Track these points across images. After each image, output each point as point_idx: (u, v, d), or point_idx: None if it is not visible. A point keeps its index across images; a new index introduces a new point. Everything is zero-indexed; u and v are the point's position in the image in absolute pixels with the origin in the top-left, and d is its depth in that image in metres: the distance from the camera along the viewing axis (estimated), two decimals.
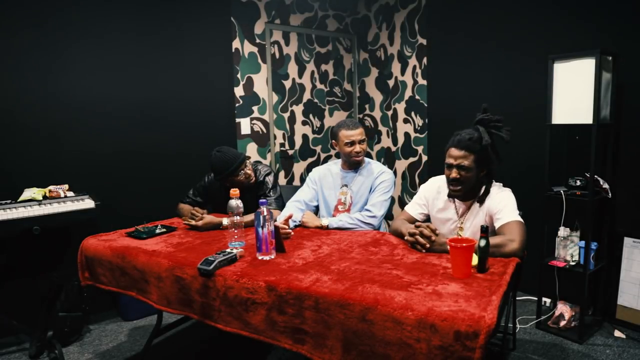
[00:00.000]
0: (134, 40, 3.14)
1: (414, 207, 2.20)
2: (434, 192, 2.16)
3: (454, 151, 1.92)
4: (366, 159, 2.55)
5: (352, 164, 2.51)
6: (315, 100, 4.32)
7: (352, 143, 2.44)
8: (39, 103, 2.80)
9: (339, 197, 2.52)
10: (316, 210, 2.60)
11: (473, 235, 1.95)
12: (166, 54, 3.29)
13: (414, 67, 4.01)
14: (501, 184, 2.04)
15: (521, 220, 1.85)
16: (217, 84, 3.60)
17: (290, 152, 4.18)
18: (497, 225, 1.86)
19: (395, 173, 4.34)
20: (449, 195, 2.06)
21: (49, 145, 2.85)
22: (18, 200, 2.54)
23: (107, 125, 3.06)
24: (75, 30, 2.90)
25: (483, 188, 2.00)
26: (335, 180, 2.56)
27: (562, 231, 2.72)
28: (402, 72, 4.13)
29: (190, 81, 3.43)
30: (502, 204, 1.90)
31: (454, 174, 1.93)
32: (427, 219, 2.20)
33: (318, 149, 4.39)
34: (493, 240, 1.69)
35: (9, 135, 2.71)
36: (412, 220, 2.14)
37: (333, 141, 2.53)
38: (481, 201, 1.99)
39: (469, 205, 2.03)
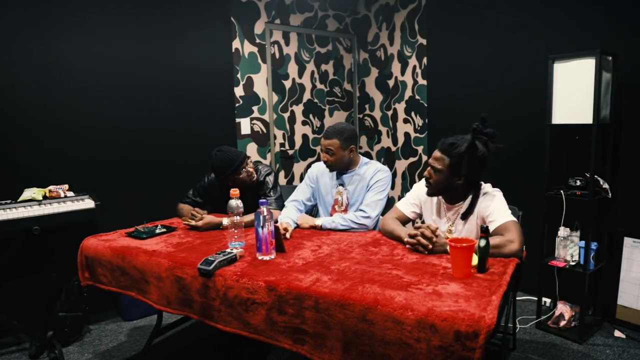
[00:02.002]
0: (134, 39, 3.14)
1: (407, 206, 2.19)
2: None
3: (435, 152, 1.97)
4: (364, 159, 2.54)
5: None
6: (315, 100, 4.32)
7: (322, 151, 2.44)
8: (39, 103, 2.80)
9: (336, 196, 2.52)
10: (315, 209, 2.60)
11: None
12: (166, 54, 3.29)
13: (414, 67, 4.01)
14: (490, 185, 2.02)
15: (515, 219, 1.85)
16: (217, 84, 3.60)
17: (290, 152, 4.18)
18: (491, 227, 1.85)
19: (395, 173, 4.34)
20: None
21: (49, 145, 2.85)
22: (18, 200, 2.54)
23: (107, 125, 3.06)
24: (75, 29, 2.90)
25: (470, 197, 1.97)
26: (332, 180, 2.55)
27: (562, 231, 2.73)
28: (402, 72, 4.13)
29: (190, 81, 3.43)
30: (493, 206, 1.89)
31: (426, 172, 2.00)
32: (419, 218, 2.20)
33: (318, 149, 4.39)
34: (492, 241, 1.68)
35: (9, 135, 2.71)
36: (404, 219, 2.15)
37: None
38: (469, 209, 1.97)
39: (457, 209, 2.03)
